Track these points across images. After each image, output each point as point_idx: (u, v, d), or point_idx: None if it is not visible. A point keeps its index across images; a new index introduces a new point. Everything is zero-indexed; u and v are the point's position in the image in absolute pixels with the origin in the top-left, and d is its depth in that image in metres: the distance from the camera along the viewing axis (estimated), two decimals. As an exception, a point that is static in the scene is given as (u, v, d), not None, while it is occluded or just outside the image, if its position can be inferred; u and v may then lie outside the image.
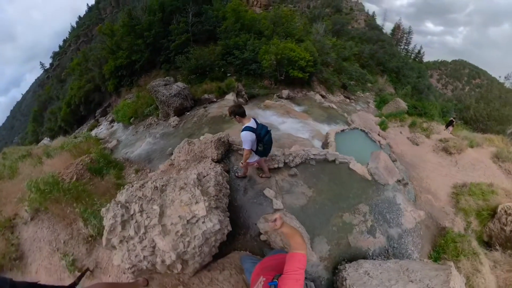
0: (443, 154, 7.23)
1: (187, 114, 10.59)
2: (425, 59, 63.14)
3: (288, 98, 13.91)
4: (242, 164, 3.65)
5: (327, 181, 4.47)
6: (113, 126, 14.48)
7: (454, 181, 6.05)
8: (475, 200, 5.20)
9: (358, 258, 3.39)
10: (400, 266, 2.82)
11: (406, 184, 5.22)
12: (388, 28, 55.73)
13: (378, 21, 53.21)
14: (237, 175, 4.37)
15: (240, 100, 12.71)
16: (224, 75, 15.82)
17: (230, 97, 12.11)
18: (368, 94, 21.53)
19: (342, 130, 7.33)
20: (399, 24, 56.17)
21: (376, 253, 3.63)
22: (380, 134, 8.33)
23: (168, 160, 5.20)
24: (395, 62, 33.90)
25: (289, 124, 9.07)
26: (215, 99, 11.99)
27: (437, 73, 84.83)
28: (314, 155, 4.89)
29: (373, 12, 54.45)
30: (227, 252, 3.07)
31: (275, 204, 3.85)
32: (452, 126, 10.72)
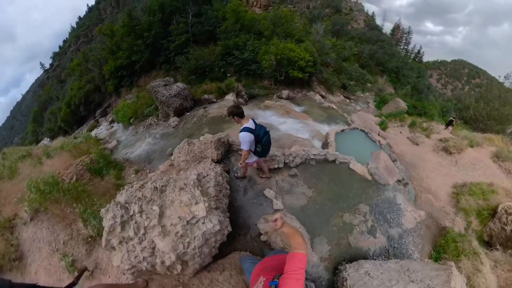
0: (443, 153, 7.23)
1: (187, 114, 10.58)
2: (425, 59, 63.25)
3: (288, 98, 13.92)
4: (241, 165, 3.65)
5: (327, 181, 4.47)
6: (113, 127, 14.48)
7: (454, 180, 6.05)
8: (475, 200, 5.20)
9: (359, 258, 3.39)
10: (401, 266, 2.82)
11: (406, 184, 5.22)
12: (387, 28, 55.89)
13: (378, 21, 53.32)
14: (236, 176, 4.36)
15: (240, 100, 12.70)
16: (224, 75, 15.81)
17: (230, 97, 12.10)
18: (368, 94, 21.52)
19: (342, 130, 7.33)
20: (398, 24, 56.30)
21: (377, 253, 3.62)
22: (380, 134, 8.33)
23: (168, 161, 5.20)
24: (394, 62, 33.93)
25: (289, 124, 9.07)
26: (215, 100, 11.98)
27: (436, 73, 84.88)
28: (314, 155, 4.89)
29: (373, 12, 54.47)
30: (227, 253, 3.06)
31: (275, 204, 3.84)
32: (452, 125, 10.74)
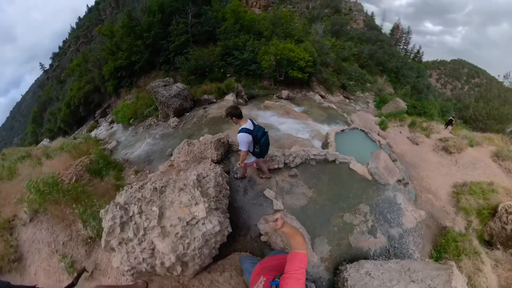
0: (443, 153, 7.23)
1: (186, 115, 10.58)
2: (424, 59, 63.22)
3: (288, 98, 13.92)
4: (239, 165, 3.65)
5: (327, 181, 4.46)
6: (112, 127, 14.47)
7: (455, 180, 6.05)
8: (475, 199, 5.19)
9: (359, 258, 3.38)
10: (402, 266, 2.81)
11: (407, 184, 5.21)
12: (387, 28, 55.79)
13: (377, 21, 53.29)
14: (236, 177, 4.36)
15: (240, 100, 12.70)
16: (223, 75, 15.80)
17: (230, 97, 12.10)
18: (368, 94, 21.52)
19: (342, 130, 7.33)
20: (398, 24, 56.26)
21: (377, 253, 3.61)
22: (380, 134, 8.33)
23: (168, 161, 5.19)
24: (394, 62, 33.92)
25: (289, 125, 9.07)
26: (214, 100, 11.98)
27: (436, 72, 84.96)
28: (314, 155, 4.88)
29: (372, 12, 54.49)
30: (227, 254, 3.05)
31: (275, 204, 3.84)
32: (452, 125, 10.76)
